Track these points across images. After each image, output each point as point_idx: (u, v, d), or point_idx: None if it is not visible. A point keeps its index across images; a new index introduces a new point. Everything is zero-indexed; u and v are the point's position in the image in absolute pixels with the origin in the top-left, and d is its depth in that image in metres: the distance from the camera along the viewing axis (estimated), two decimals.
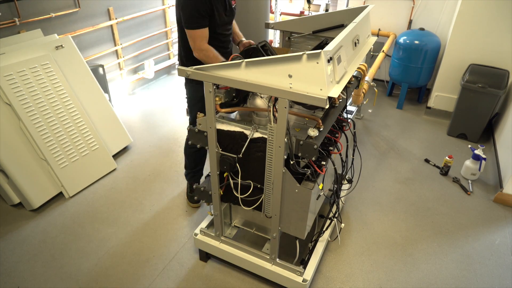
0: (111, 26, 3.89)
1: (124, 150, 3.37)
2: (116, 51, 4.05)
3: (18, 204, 2.70)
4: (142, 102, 4.25)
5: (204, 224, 2.22)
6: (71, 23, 3.46)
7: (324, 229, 2.21)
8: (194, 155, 2.60)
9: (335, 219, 2.27)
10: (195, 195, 2.07)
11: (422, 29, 3.92)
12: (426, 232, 2.57)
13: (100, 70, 3.62)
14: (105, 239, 2.46)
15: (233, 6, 2.19)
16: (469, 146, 3.24)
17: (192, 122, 2.46)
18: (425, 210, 2.76)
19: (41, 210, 2.69)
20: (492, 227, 2.62)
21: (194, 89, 2.30)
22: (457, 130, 3.65)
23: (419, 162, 3.30)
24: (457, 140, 3.63)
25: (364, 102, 3.80)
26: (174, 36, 4.85)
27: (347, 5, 4.59)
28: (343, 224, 2.50)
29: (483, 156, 2.95)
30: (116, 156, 3.26)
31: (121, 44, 4.06)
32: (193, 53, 2.07)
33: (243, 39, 2.40)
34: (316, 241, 2.18)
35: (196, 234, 2.20)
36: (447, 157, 3.08)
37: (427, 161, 3.30)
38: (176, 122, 3.87)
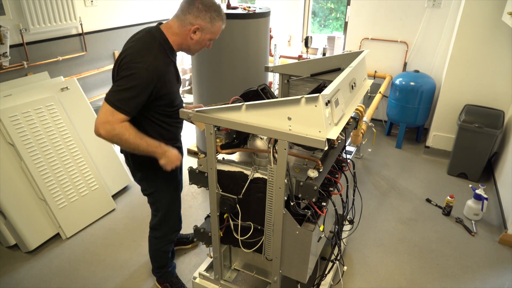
0: None
1: (124, 190, 3.35)
2: None
3: (14, 245, 2.65)
4: None
5: (203, 267, 2.16)
6: (77, 66, 3.59)
7: (326, 273, 2.15)
8: (167, 252, 2.22)
9: (337, 262, 2.21)
10: (195, 237, 2.03)
11: (417, 71, 4.05)
12: (432, 275, 2.50)
13: None
14: (100, 283, 2.39)
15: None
16: (470, 185, 3.23)
17: (162, 219, 2.08)
18: (429, 251, 2.70)
19: (37, 252, 2.63)
20: (499, 270, 2.55)
21: (157, 180, 1.96)
22: (457, 170, 3.66)
23: (420, 202, 3.27)
24: (458, 180, 3.63)
25: (363, 142, 3.83)
26: None
27: (343, 49, 4.77)
28: (345, 267, 2.43)
29: (485, 196, 2.93)
30: (115, 196, 3.24)
31: None
32: (97, 128, 1.65)
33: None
34: (318, 285, 2.11)
35: (194, 278, 2.14)
36: (448, 197, 3.06)
37: (428, 201, 3.28)
38: None
